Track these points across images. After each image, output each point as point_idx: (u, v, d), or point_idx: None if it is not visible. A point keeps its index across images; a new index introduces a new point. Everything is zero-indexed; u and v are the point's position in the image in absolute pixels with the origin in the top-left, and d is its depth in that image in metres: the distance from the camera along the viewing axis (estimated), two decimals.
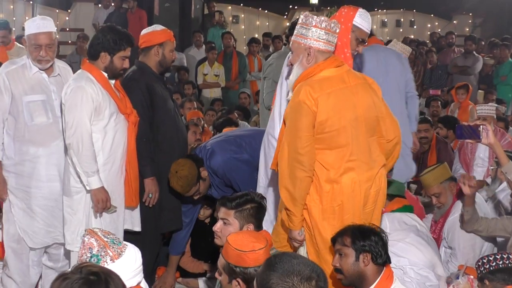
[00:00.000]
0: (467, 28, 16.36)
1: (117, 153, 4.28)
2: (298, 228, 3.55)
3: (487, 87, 10.96)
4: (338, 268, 3.26)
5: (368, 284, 3.22)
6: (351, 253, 3.22)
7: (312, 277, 2.42)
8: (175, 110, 4.78)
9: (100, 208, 4.15)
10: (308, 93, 3.42)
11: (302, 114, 3.41)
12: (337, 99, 3.45)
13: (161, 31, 4.72)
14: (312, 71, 3.51)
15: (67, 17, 13.98)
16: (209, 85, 10.97)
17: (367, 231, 3.25)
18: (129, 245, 2.60)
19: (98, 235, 2.59)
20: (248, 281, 2.92)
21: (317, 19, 3.49)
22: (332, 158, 3.48)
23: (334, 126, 3.43)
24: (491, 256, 3.69)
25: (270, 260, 2.52)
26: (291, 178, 3.45)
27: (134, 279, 2.57)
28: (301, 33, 3.52)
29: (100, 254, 2.53)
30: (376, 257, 3.20)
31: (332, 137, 3.45)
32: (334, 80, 3.49)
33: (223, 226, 3.50)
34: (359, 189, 3.50)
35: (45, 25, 4.31)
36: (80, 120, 4.11)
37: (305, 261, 2.54)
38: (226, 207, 3.52)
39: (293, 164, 3.43)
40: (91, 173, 4.11)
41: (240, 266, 2.95)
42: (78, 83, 4.17)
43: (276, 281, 2.40)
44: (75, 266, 2.20)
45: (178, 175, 4.38)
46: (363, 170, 3.51)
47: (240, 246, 2.98)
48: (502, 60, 11.41)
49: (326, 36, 3.49)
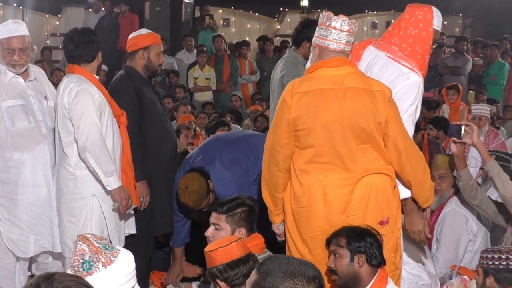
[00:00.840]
0: (457, 29, 16.42)
1: (117, 154, 4.28)
2: (276, 222, 3.57)
3: (477, 87, 11.03)
4: (333, 268, 3.26)
5: (362, 286, 3.22)
6: (346, 254, 3.22)
7: (316, 276, 2.43)
8: (164, 114, 4.76)
9: (124, 206, 4.15)
10: (289, 89, 3.41)
11: (281, 109, 3.42)
12: (314, 99, 3.37)
13: (146, 35, 4.70)
14: (310, 69, 3.50)
15: (58, 22, 13.95)
16: (200, 88, 10.97)
17: (363, 232, 3.24)
18: (122, 250, 2.58)
19: (90, 241, 2.57)
20: (227, 279, 2.98)
21: (338, 21, 3.40)
22: (302, 158, 3.43)
23: (304, 125, 3.38)
24: (504, 254, 3.47)
25: (266, 266, 2.49)
26: (268, 172, 3.48)
27: (127, 284, 2.55)
28: (320, 35, 3.45)
29: (92, 260, 2.50)
30: (371, 258, 3.20)
31: (302, 136, 3.39)
32: (320, 79, 3.42)
33: (215, 231, 3.51)
34: (332, 193, 3.39)
35: (17, 28, 4.27)
36: (91, 122, 4.11)
37: (300, 260, 2.55)
38: (217, 212, 3.52)
39: (269, 158, 3.46)
40: (110, 172, 4.11)
41: (214, 267, 3.04)
42: (81, 86, 4.17)
43: (283, 283, 2.39)
44: (43, 276, 2.16)
45: (189, 190, 4.28)
46: (335, 173, 3.38)
47: (209, 248, 3.09)
48: (492, 60, 11.47)
49: (347, 38, 3.42)
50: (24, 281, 4.45)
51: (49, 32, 13.81)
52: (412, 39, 3.73)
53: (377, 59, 3.75)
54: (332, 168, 3.39)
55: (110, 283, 2.44)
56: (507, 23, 15.00)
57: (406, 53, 3.72)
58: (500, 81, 11.18)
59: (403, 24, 3.78)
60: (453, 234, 4.67)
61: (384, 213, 3.43)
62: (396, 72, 3.66)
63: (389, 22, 16.57)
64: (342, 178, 3.39)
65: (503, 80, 11.22)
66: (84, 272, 2.46)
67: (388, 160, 3.43)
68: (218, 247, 3.08)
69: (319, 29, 3.45)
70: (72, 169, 4.21)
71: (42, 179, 4.30)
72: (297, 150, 3.43)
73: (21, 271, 4.42)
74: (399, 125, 3.42)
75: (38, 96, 4.35)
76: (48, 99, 4.44)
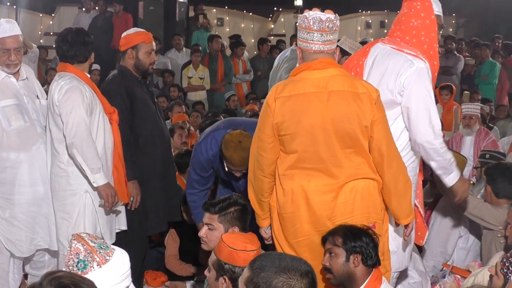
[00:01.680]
0: (450, 29, 16.45)
1: (108, 152, 4.30)
2: (263, 226, 3.55)
3: (469, 86, 11.06)
4: (328, 267, 3.26)
5: (357, 285, 3.22)
6: (341, 253, 3.22)
7: (308, 271, 2.46)
8: (157, 113, 4.76)
9: (110, 203, 4.16)
10: (273, 93, 3.35)
11: (265, 114, 3.37)
12: (297, 103, 3.30)
13: (135, 34, 4.71)
14: (294, 72, 3.44)
15: (51, 21, 13.91)
16: (194, 88, 10.97)
17: (359, 232, 3.24)
18: (117, 250, 2.59)
19: (85, 240, 2.57)
20: (235, 280, 2.93)
21: (315, 21, 3.30)
22: (285, 162, 3.38)
23: (288, 130, 3.31)
24: None
25: (261, 262, 2.51)
26: (253, 176, 3.46)
27: (122, 283, 2.55)
28: (301, 37, 3.36)
29: (87, 259, 2.51)
30: (367, 258, 3.20)
31: (286, 141, 3.34)
32: (304, 83, 3.33)
33: (208, 231, 3.51)
34: (314, 199, 3.34)
35: (12, 28, 4.27)
36: (80, 118, 4.12)
37: (292, 256, 2.58)
38: (210, 212, 3.53)
39: (254, 162, 3.43)
40: (96, 169, 4.12)
41: (229, 264, 2.98)
42: (71, 83, 4.18)
43: (277, 278, 2.41)
44: (46, 275, 2.16)
45: (242, 146, 3.92)
46: (318, 179, 3.33)
47: (233, 244, 3.01)
48: (483, 60, 11.51)
49: (328, 37, 3.31)
50: (19, 280, 4.45)
51: (43, 31, 13.77)
52: (415, 30, 3.73)
53: (382, 52, 3.75)
54: (315, 174, 3.33)
55: (105, 283, 2.45)
56: (501, 23, 15.04)
57: (411, 44, 3.73)
58: (492, 81, 11.22)
59: (403, 19, 3.79)
60: (444, 229, 4.71)
61: (370, 218, 3.39)
62: (400, 60, 3.65)
63: (383, 22, 16.63)
64: (324, 184, 3.33)
65: (495, 79, 11.26)
66: (79, 271, 2.47)
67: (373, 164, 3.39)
68: (244, 250, 3.02)
69: (299, 32, 3.37)
70: (64, 166, 4.22)
71: (39, 178, 4.30)
72: (282, 155, 3.38)
73: (16, 270, 4.41)
74: (385, 128, 3.35)
75: (31, 95, 4.36)
76: (40, 98, 4.45)
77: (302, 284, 2.43)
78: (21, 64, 4.34)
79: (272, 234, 3.54)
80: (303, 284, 2.43)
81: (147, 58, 4.66)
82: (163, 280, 5.15)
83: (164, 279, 5.16)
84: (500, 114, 9.04)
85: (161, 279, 5.15)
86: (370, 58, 3.77)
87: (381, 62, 3.70)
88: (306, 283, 2.44)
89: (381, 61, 3.71)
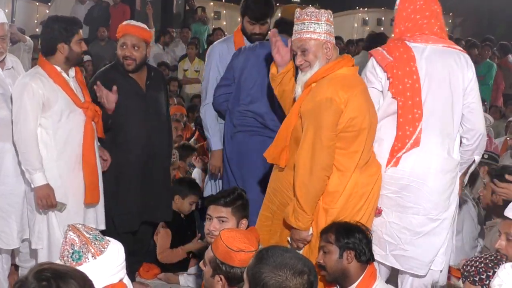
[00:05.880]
0: (447, 28, 16.42)
1: (72, 149, 4.17)
2: (308, 228, 3.46)
3: None
4: (322, 264, 3.27)
5: (351, 282, 3.24)
6: (335, 250, 3.23)
7: (304, 271, 2.42)
8: (147, 110, 4.62)
9: (43, 205, 4.07)
10: (336, 91, 3.32)
11: (330, 111, 3.31)
12: (362, 99, 3.39)
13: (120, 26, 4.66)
14: (332, 68, 3.41)
15: (48, 10, 13.85)
16: (189, 80, 10.96)
17: (352, 229, 3.26)
18: (112, 241, 2.58)
19: (80, 231, 2.56)
20: (231, 280, 2.91)
21: (325, 14, 3.41)
22: (345, 159, 3.41)
23: (356, 126, 3.36)
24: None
25: (262, 253, 2.51)
26: (312, 176, 3.35)
27: (116, 275, 2.55)
28: (313, 29, 3.39)
29: (82, 250, 2.50)
30: (360, 254, 3.22)
31: (352, 137, 3.38)
32: (355, 79, 3.44)
33: (220, 224, 3.45)
34: (361, 191, 3.45)
35: None
36: (22, 117, 4.03)
37: (297, 255, 2.55)
38: (219, 204, 3.48)
39: (317, 161, 3.34)
40: (32, 170, 4.04)
41: (226, 264, 2.93)
42: (23, 79, 4.09)
43: (268, 274, 2.40)
44: (32, 269, 2.15)
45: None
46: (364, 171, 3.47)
47: (231, 243, 2.95)
48: (479, 60, 11.53)
49: (333, 30, 3.46)
50: (7, 270, 4.42)
51: (39, 21, 13.70)
52: (434, 19, 3.65)
53: (433, 51, 3.62)
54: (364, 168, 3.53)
55: (99, 274, 2.44)
56: (499, 23, 15.06)
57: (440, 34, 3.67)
58: (488, 82, 11.24)
59: (418, 17, 3.64)
60: None
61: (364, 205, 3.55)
62: (458, 57, 3.65)
63: (380, 20, 16.66)
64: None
65: (491, 80, 11.29)
66: (73, 262, 2.46)
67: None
68: (241, 251, 2.95)
69: (306, 24, 3.41)
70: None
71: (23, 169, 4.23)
72: (338, 151, 3.48)
73: (4, 260, 4.38)
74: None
75: None
76: None
77: (292, 283, 2.40)
78: (6, 52, 4.26)
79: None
80: (293, 284, 2.40)
81: (121, 50, 4.54)
82: (155, 272, 5.15)
83: (157, 271, 5.15)
84: (493, 115, 9.04)
85: (154, 272, 5.15)
86: (420, 61, 3.60)
87: (439, 62, 3.59)
88: (297, 283, 2.41)
89: (438, 61, 3.59)
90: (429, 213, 3.52)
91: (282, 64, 3.65)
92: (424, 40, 3.60)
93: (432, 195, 3.51)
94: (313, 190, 3.37)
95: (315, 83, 3.42)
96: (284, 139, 3.54)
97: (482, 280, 2.87)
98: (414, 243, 3.54)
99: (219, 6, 15.84)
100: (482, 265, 2.92)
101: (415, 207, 3.51)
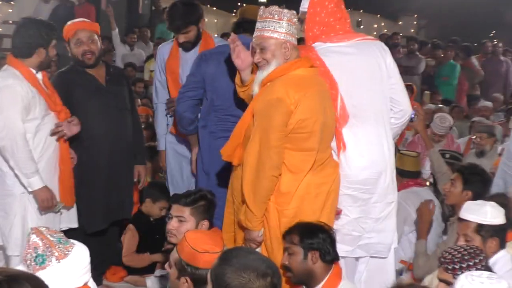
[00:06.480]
0: (412, 30, 16.67)
1: (50, 152, 4.16)
2: (258, 229, 3.46)
3: (429, 87, 11.23)
4: (287, 266, 3.27)
5: (317, 282, 3.25)
6: (299, 251, 3.24)
7: (267, 274, 2.42)
8: (108, 108, 4.62)
9: (45, 207, 4.05)
10: (287, 91, 3.33)
11: (279, 111, 3.32)
12: (316, 100, 3.39)
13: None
14: (288, 68, 3.42)
15: (10, 9, 13.64)
16: None
17: (315, 229, 3.26)
18: (77, 244, 2.56)
19: (44, 234, 2.53)
20: (197, 281, 2.91)
21: (288, 14, 3.43)
22: (297, 160, 3.42)
23: (307, 128, 3.37)
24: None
25: (226, 254, 2.51)
26: (259, 176, 3.35)
27: (81, 278, 2.52)
28: (273, 28, 3.40)
29: (46, 254, 2.47)
30: (325, 254, 3.23)
31: (303, 139, 3.39)
32: (311, 80, 3.44)
33: (179, 223, 3.46)
34: (315, 191, 3.46)
35: None
36: (11, 121, 3.98)
37: (261, 257, 2.55)
38: (180, 203, 3.48)
39: (264, 161, 3.34)
40: (30, 174, 4.00)
41: (191, 265, 2.92)
42: (5, 82, 4.03)
43: (231, 276, 2.40)
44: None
45: None
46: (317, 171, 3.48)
47: (196, 245, 2.94)
48: (443, 61, 11.70)
49: (295, 31, 3.47)
50: None
51: (1, 20, 13.49)
52: (344, 18, 3.78)
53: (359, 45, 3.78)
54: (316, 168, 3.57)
55: (63, 277, 2.42)
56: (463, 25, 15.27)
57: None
58: (452, 82, 11.42)
59: (332, 20, 3.75)
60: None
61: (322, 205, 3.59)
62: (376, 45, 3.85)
63: (359, 22, 16.71)
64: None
65: (455, 80, 11.46)
66: (37, 266, 2.43)
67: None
68: (206, 252, 2.94)
69: (269, 22, 3.43)
70: (0, 165, 4.12)
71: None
72: (288, 152, 3.50)
73: None
74: None
75: None
76: None
77: (255, 285, 2.39)
78: None
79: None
80: (256, 285, 2.39)
81: (75, 50, 4.55)
82: (122, 275, 5.12)
83: (123, 274, 5.12)
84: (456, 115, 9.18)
85: (120, 274, 5.12)
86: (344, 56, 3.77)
87: (364, 55, 3.74)
88: (260, 284, 2.40)
89: (363, 54, 3.74)
90: (386, 199, 3.71)
91: (243, 68, 3.67)
92: (341, 39, 3.72)
93: (385, 181, 3.69)
94: (261, 190, 3.36)
95: (270, 83, 3.43)
96: (238, 136, 3.53)
97: (455, 269, 2.91)
98: (376, 229, 3.71)
99: None
100: (459, 255, 2.96)
101: (374, 196, 3.67)
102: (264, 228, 3.46)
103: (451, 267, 2.93)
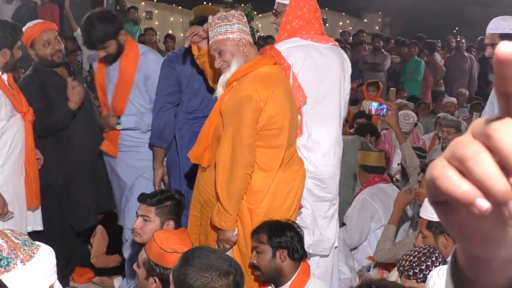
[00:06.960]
0: (377, 27, 16.81)
1: (16, 154, 4.12)
2: (233, 229, 3.44)
3: (394, 84, 11.34)
4: (255, 265, 3.28)
5: (285, 280, 3.26)
6: (267, 250, 3.25)
7: (230, 272, 2.42)
8: (86, 106, 4.67)
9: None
10: (255, 89, 3.32)
11: (250, 109, 3.30)
12: (284, 97, 3.39)
13: None
14: (253, 66, 3.41)
15: None
16: None
17: (283, 227, 3.27)
18: (42, 246, 2.53)
19: (9, 237, 2.49)
20: (165, 282, 2.89)
21: (236, 14, 3.47)
22: (267, 157, 3.42)
23: (277, 124, 3.37)
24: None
25: (187, 255, 2.50)
26: (233, 175, 3.33)
27: (46, 281, 2.50)
28: (225, 30, 3.41)
29: (10, 256, 2.43)
30: (293, 252, 3.24)
31: (273, 135, 3.39)
32: (277, 77, 3.45)
33: (143, 223, 3.46)
34: (287, 188, 3.47)
35: None
36: None
37: (223, 255, 2.55)
38: (146, 203, 3.48)
39: (238, 160, 3.32)
40: None
41: (160, 266, 2.91)
42: None
43: (193, 276, 2.39)
44: None
45: None
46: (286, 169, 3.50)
47: (164, 245, 2.93)
48: (408, 57, 11.83)
49: (247, 29, 3.49)
50: None
51: None
52: (320, 19, 3.92)
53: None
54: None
55: (29, 280, 2.39)
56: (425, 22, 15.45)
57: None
58: (417, 78, 11.54)
59: (311, 16, 3.87)
60: (359, 222, 4.83)
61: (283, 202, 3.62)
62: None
63: (324, 19, 16.80)
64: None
65: (420, 77, 11.59)
66: (2, 268, 2.39)
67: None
68: (175, 252, 2.91)
69: (221, 26, 3.43)
70: None
71: None
72: (259, 150, 3.53)
73: None
74: None
75: None
76: None
77: (218, 284, 2.39)
78: None
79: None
80: (218, 285, 2.39)
81: (46, 49, 4.54)
82: (89, 276, 5.08)
83: (91, 275, 5.08)
84: (422, 111, 9.29)
85: (88, 276, 5.08)
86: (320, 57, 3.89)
87: (337, 59, 3.91)
88: (223, 284, 2.40)
89: (336, 58, 3.90)
90: (334, 199, 3.85)
91: (199, 40, 3.80)
92: (320, 39, 3.84)
93: (337, 182, 3.86)
94: (235, 189, 3.35)
95: (236, 82, 3.43)
96: (206, 139, 3.52)
97: (416, 274, 2.93)
98: (325, 227, 3.83)
99: (151, 6, 15.71)
100: (415, 259, 2.98)
101: (328, 195, 3.81)
102: (237, 228, 3.46)
103: (412, 273, 2.95)
